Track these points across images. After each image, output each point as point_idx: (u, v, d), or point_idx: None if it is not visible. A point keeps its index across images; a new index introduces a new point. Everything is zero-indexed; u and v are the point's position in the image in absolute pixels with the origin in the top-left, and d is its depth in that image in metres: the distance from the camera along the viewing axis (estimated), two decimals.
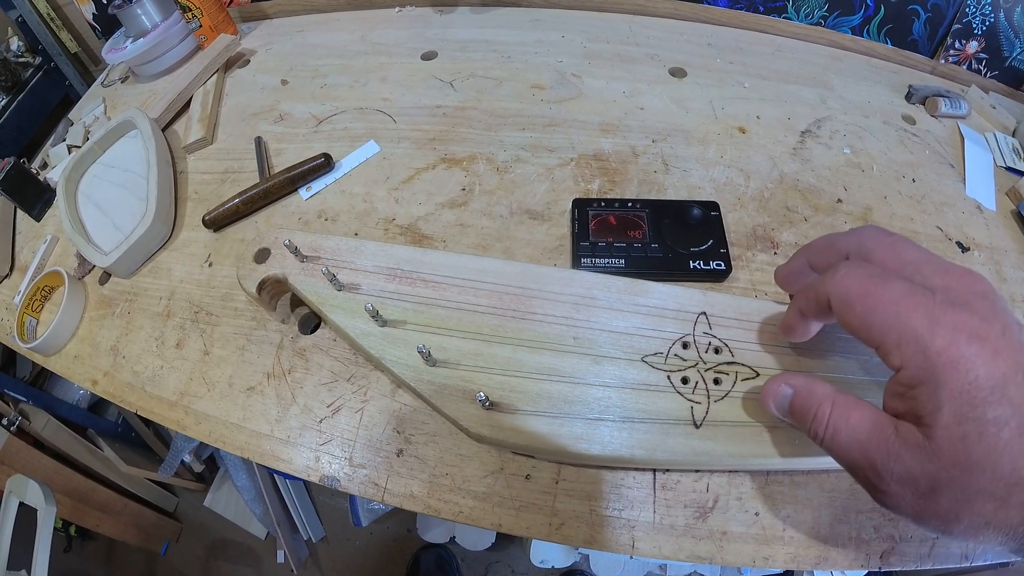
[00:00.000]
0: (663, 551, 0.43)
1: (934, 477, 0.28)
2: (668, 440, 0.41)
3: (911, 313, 0.29)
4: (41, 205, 0.74)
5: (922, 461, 0.28)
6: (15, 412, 1.20)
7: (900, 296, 0.30)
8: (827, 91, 0.77)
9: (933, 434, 0.28)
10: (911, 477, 0.29)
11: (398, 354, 0.45)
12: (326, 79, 0.81)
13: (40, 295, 0.64)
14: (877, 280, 0.31)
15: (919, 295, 0.30)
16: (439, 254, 0.49)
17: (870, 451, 0.30)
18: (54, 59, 1.29)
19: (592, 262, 0.55)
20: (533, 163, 0.67)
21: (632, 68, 0.79)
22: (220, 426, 0.52)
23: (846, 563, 0.43)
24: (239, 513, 1.55)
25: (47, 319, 0.63)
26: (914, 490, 0.29)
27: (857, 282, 0.32)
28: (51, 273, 0.63)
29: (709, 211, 0.58)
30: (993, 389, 0.27)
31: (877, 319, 0.30)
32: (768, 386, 0.37)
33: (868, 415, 0.31)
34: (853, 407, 0.32)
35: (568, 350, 0.44)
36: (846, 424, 0.32)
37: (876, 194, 0.64)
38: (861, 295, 0.31)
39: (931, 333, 0.28)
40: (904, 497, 0.29)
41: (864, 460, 0.30)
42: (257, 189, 0.64)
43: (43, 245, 0.70)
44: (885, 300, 0.30)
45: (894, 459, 0.29)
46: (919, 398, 0.29)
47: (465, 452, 0.47)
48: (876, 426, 0.31)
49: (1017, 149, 0.73)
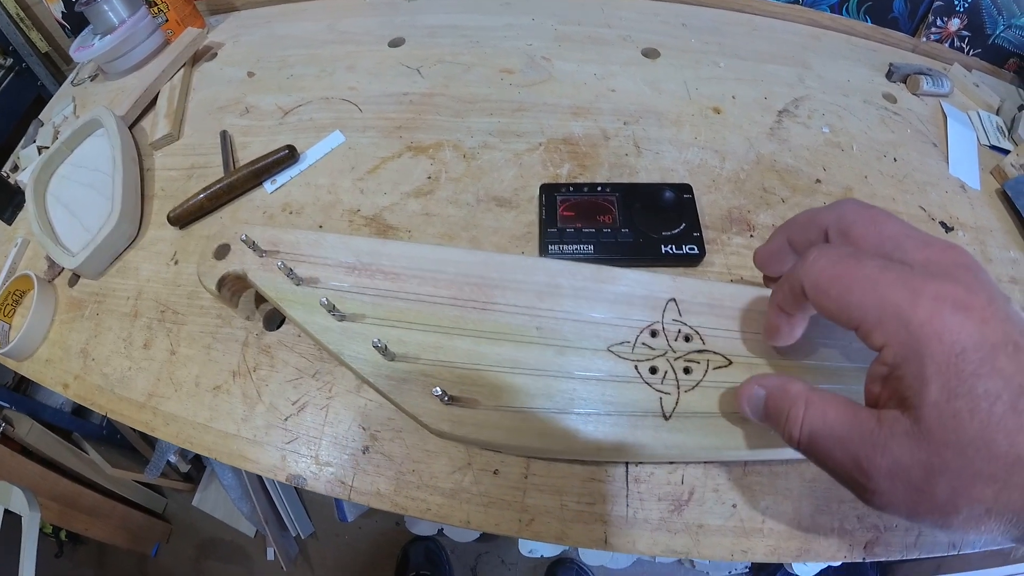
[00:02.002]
0: (637, 546, 0.42)
1: (926, 465, 0.26)
2: (637, 433, 0.39)
3: (890, 287, 0.27)
4: (12, 209, 0.73)
5: (911, 449, 0.26)
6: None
7: (876, 272, 0.28)
8: (805, 70, 0.75)
9: (921, 415, 0.26)
10: (901, 468, 0.26)
11: (357, 349, 0.43)
12: (293, 70, 0.79)
13: (11, 299, 0.63)
14: (850, 260, 0.30)
15: (896, 269, 0.28)
16: (399, 244, 0.48)
17: (852, 448, 0.28)
18: (25, 60, 1.27)
19: (560, 249, 0.54)
20: (501, 149, 0.65)
21: (604, 50, 0.77)
22: (188, 427, 0.51)
23: (829, 554, 0.42)
24: (228, 512, 1.55)
25: (19, 324, 0.62)
26: (906, 483, 0.27)
27: (830, 264, 0.30)
28: (21, 277, 0.62)
29: (681, 194, 0.56)
30: (982, 361, 0.25)
31: (855, 299, 0.29)
32: (741, 390, 0.36)
33: (845, 410, 0.29)
34: (828, 404, 0.30)
35: (531, 341, 0.43)
36: (823, 423, 0.30)
37: (856, 174, 0.63)
38: (835, 277, 0.30)
39: (912, 305, 0.26)
40: (896, 493, 0.27)
41: (847, 459, 0.28)
42: (221, 184, 0.63)
43: (14, 249, 0.68)
44: (860, 278, 0.29)
45: (880, 452, 0.27)
46: (904, 377, 0.27)
47: (432, 448, 0.46)
48: (856, 420, 0.29)
49: (1001, 127, 0.72)
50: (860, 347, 0.30)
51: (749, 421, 0.38)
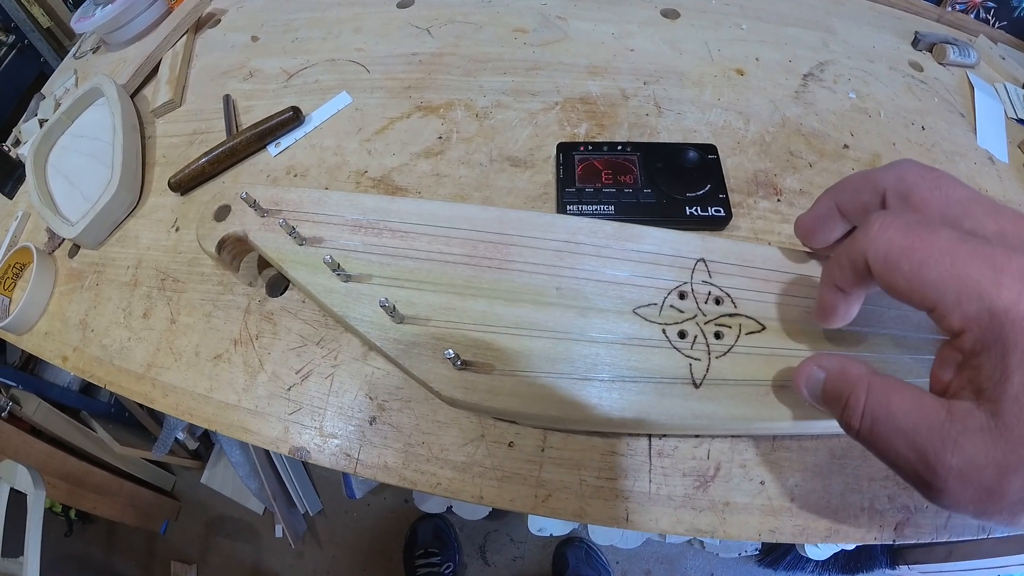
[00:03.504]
0: (660, 524, 0.40)
1: (1002, 464, 0.23)
2: (664, 401, 0.37)
3: (969, 264, 0.24)
4: (13, 182, 0.73)
5: (987, 446, 0.23)
6: (6, 397, 1.20)
7: (953, 244, 0.25)
8: (829, 35, 0.72)
9: (1000, 409, 0.23)
10: (975, 467, 0.24)
11: (363, 311, 0.41)
12: (297, 33, 0.76)
13: (11, 273, 0.62)
14: (922, 229, 0.26)
15: (974, 243, 0.25)
16: (408, 201, 0.45)
17: (919, 442, 0.25)
18: (27, 36, 1.26)
19: (579, 209, 0.51)
20: (515, 108, 0.62)
21: (621, 9, 0.74)
22: (187, 398, 0.49)
23: (858, 536, 0.39)
24: (236, 489, 1.56)
25: (19, 297, 0.61)
26: (978, 484, 0.24)
27: (899, 234, 0.26)
28: (21, 249, 0.62)
29: (706, 154, 0.53)
30: None
31: (930, 275, 0.25)
32: (800, 369, 0.32)
33: (912, 399, 0.26)
34: (893, 390, 0.27)
35: (551, 302, 0.40)
36: (886, 412, 0.27)
37: (884, 140, 0.60)
38: (907, 249, 0.26)
39: (996, 286, 0.23)
40: (965, 493, 0.24)
41: (912, 453, 0.25)
42: (223, 148, 0.61)
43: (14, 222, 0.68)
44: (936, 252, 0.25)
45: (951, 449, 0.24)
46: (983, 366, 0.24)
47: (442, 419, 0.44)
48: (923, 411, 0.26)
49: None
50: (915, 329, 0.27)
51: (784, 390, 0.36)
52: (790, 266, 0.40)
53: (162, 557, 1.55)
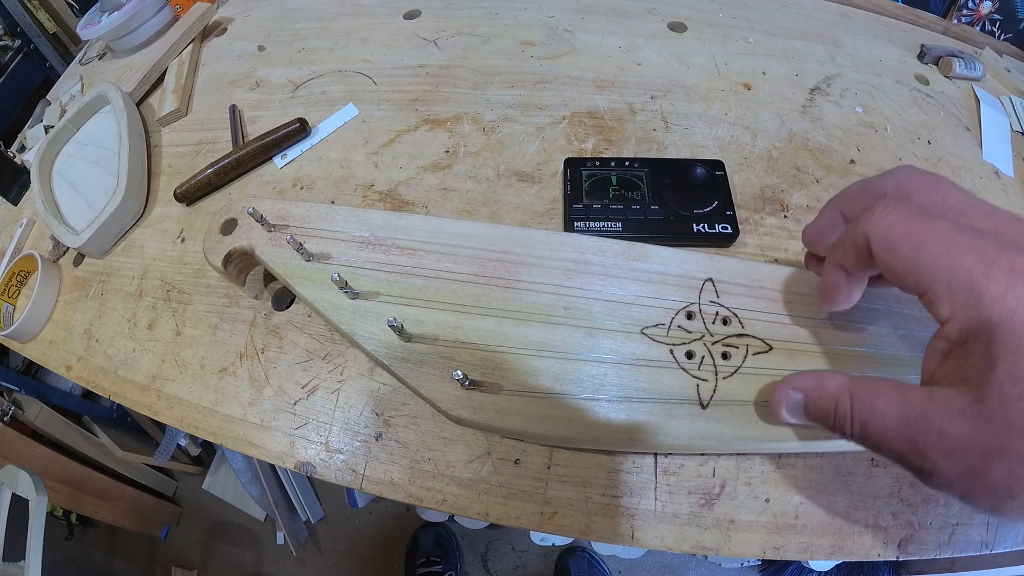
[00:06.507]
0: (665, 541, 0.40)
1: (986, 445, 0.24)
2: (672, 422, 0.37)
3: (963, 253, 0.25)
4: (18, 188, 0.72)
5: (971, 428, 0.25)
6: (8, 402, 1.19)
7: (949, 233, 0.26)
8: (836, 48, 0.72)
9: (984, 396, 0.25)
10: (961, 447, 0.25)
11: (370, 329, 0.41)
12: (305, 43, 0.76)
13: (16, 280, 0.62)
14: (922, 216, 0.27)
15: (970, 235, 0.26)
16: (416, 218, 0.45)
17: (908, 433, 0.27)
18: (33, 41, 1.26)
19: (587, 225, 0.51)
20: (522, 122, 0.62)
21: (628, 23, 0.74)
22: (192, 410, 0.49)
23: (862, 552, 0.39)
24: (238, 495, 1.55)
25: (24, 305, 0.61)
26: (963, 464, 0.25)
27: (900, 218, 0.28)
28: (25, 257, 0.61)
29: (713, 170, 0.53)
30: None
31: (925, 259, 0.26)
32: (776, 394, 0.33)
33: (895, 396, 0.28)
34: (875, 393, 0.29)
35: (559, 321, 0.40)
36: (872, 414, 0.28)
37: (891, 155, 0.60)
38: (906, 232, 0.27)
39: (986, 277, 0.25)
40: (952, 473, 0.26)
41: (904, 445, 0.27)
42: (230, 159, 0.61)
43: (19, 229, 0.67)
44: (933, 238, 0.26)
45: (937, 434, 0.26)
46: (969, 355, 0.25)
47: (449, 435, 0.44)
48: (907, 406, 0.27)
49: None
50: (908, 332, 0.27)
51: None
52: (797, 286, 0.40)
53: (163, 562, 1.54)
